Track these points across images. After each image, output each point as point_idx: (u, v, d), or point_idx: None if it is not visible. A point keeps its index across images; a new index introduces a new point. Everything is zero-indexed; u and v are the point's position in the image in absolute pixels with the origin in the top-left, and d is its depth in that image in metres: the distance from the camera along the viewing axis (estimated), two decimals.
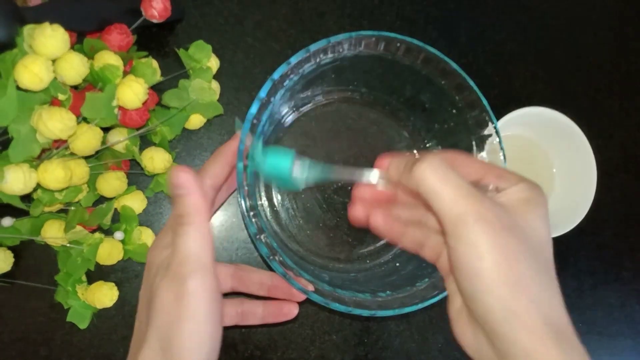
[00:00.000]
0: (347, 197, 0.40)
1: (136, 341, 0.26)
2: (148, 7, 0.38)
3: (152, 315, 0.24)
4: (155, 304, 0.24)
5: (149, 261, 0.27)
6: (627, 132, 0.49)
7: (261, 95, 0.30)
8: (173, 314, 0.24)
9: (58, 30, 0.33)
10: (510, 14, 0.48)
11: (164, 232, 0.27)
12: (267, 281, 0.32)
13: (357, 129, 0.41)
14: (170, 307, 0.24)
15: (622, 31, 0.49)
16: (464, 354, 0.47)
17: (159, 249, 0.26)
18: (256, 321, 0.32)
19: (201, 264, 0.24)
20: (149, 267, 0.26)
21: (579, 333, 0.50)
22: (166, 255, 0.25)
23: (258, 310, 0.32)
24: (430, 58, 0.33)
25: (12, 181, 0.33)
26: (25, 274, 0.41)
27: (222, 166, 0.29)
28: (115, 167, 0.40)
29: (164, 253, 0.26)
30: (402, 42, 0.32)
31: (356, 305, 0.30)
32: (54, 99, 0.35)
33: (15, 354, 0.41)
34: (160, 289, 0.24)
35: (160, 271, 0.25)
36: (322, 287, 0.31)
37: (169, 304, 0.24)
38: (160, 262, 0.25)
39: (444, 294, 0.32)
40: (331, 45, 0.32)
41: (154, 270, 0.26)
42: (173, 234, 0.25)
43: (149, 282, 0.26)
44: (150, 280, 0.26)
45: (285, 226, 0.40)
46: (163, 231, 0.27)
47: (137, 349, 0.25)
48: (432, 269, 0.34)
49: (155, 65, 0.39)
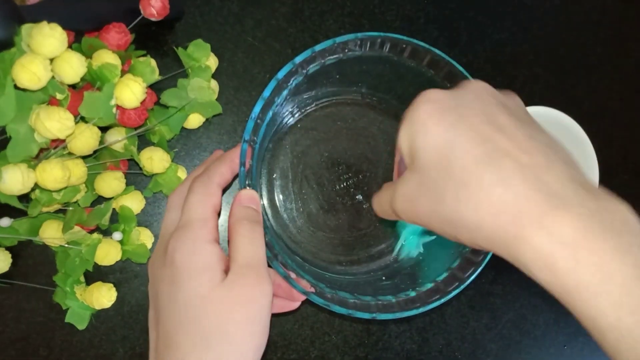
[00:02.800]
0: (349, 198, 0.40)
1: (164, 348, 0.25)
2: (147, 5, 0.38)
3: (199, 317, 0.24)
4: (207, 306, 0.24)
5: (178, 263, 0.25)
6: (627, 132, 0.49)
7: (265, 94, 0.30)
8: (234, 316, 0.24)
9: (56, 29, 0.33)
10: (511, 13, 0.48)
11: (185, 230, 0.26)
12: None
13: (359, 130, 0.40)
14: (240, 309, 0.24)
15: (623, 31, 0.49)
16: (465, 355, 0.47)
17: (186, 249, 0.26)
18: None
19: (267, 268, 0.26)
20: (183, 268, 0.25)
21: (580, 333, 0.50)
22: (214, 256, 0.26)
23: None
24: (437, 60, 0.33)
25: (10, 181, 0.32)
26: (24, 275, 0.40)
27: (227, 166, 0.29)
28: (114, 167, 0.39)
29: (200, 255, 0.25)
30: (408, 44, 0.32)
31: (357, 308, 0.30)
32: (52, 99, 0.35)
33: (15, 354, 0.40)
34: (220, 292, 0.24)
35: (214, 275, 0.25)
36: (323, 289, 0.30)
37: (238, 307, 0.24)
38: (207, 263, 0.25)
39: (446, 298, 0.32)
40: (336, 46, 0.32)
41: (192, 272, 0.25)
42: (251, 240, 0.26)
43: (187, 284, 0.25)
44: (189, 282, 0.25)
45: (286, 228, 0.39)
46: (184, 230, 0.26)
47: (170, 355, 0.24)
48: (434, 272, 0.34)
49: (154, 64, 0.39)
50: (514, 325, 0.46)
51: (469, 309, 0.45)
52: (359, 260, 0.40)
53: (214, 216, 0.27)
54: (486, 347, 0.45)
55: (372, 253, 0.40)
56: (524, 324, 0.46)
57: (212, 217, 0.27)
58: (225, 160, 0.30)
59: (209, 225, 0.27)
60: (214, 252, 0.26)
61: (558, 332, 0.46)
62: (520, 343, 0.46)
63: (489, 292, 0.46)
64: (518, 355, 0.46)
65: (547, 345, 0.46)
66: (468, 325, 0.45)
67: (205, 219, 0.27)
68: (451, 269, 0.33)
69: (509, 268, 0.49)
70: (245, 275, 0.25)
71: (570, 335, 0.46)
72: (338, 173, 0.40)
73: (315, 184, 0.40)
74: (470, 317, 0.45)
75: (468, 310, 0.45)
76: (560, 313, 0.46)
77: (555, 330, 0.46)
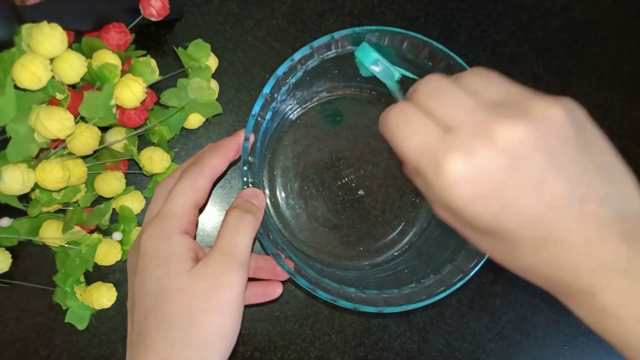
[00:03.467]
0: (351, 194, 0.40)
1: (137, 338, 0.25)
2: (147, 5, 0.37)
3: (165, 306, 0.24)
4: (173, 295, 0.24)
5: (148, 252, 0.25)
6: (628, 132, 0.49)
7: (265, 91, 0.30)
8: (200, 305, 0.23)
9: (56, 29, 0.33)
10: (511, 13, 0.48)
11: (158, 221, 0.26)
12: (250, 263, 0.32)
13: (360, 125, 0.40)
14: (201, 297, 0.24)
15: (623, 31, 0.49)
16: (465, 355, 0.47)
17: (156, 239, 0.26)
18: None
19: (247, 259, 0.25)
20: (151, 257, 0.25)
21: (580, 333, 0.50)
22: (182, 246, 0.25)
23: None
24: (435, 53, 0.33)
25: (10, 181, 0.32)
26: (24, 275, 0.40)
27: (220, 158, 0.29)
28: (114, 167, 0.39)
29: (168, 244, 0.25)
30: (405, 37, 0.32)
31: (362, 302, 0.30)
32: (52, 99, 0.35)
33: (14, 354, 0.40)
34: (185, 280, 0.24)
35: (181, 263, 0.24)
36: (328, 284, 0.30)
37: (201, 294, 0.24)
38: (173, 252, 0.25)
39: (451, 290, 0.32)
40: (335, 41, 0.32)
41: (160, 261, 0.25)
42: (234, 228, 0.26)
43: (153, 273, 0.25)
44: (154, 271, 0.25)
45: (289, 224, 0.39)
46: (157, 220, 0.26)
47: (141, 345, 0.24)
48: (438, 264, 0.34)
49: (154, 64, 0.39)
50: (514, 325, 0.46)
51: (469, 309, 0.45)
52: (362, 254, 0.40)
53: (193, 211, 0.27)
54: (486, 347, 0.45)
55: (376, 247, 0.40)
56: (524, 324, 0.46)
57: (190, 211, 0.27)
58: (217, 150, 0.29)
59: (184, 219, 0.26)
60: (182, 241, 0.26)
61: (558, 332, 0.46)
62: (520, 343, 0.46)
63: (489, 292, 0.46)
64: (518, 355, 0.46)
65: (547, 346, 0.46)
66: (468, 326, 0.45)
67: (182, 212, 0.26)
68: (455, 261, 0.33)
69: None
70: (216, 262, 0.25)
71: (570, 336, 0.46)
72: (339, 169, 0.40)
73: (316, 180, 0.40)
74: (470, 317, 0.45)
75: (468, 311, 0.45)
76: (560, 313, 0.46)
77: (556, 331, 0.46)
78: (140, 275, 0.25)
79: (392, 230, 0.40)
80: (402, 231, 0.40)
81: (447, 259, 0.34)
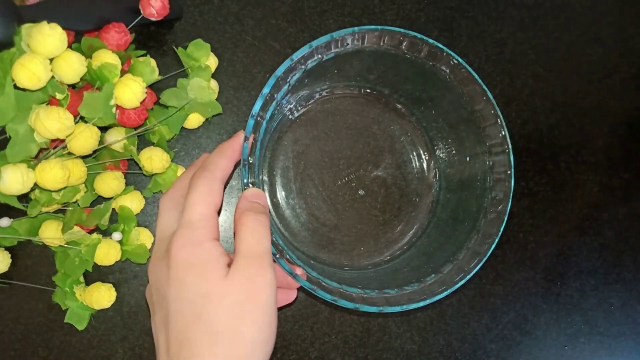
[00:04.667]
0: (351, 194, 0.40)
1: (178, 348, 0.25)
2: (146, 5, 0.37)
3: (208, 312, 0.24)
4: (215, 301, 0.24)
5: (182, 261, 0.25)
6: (628, 132, 0.49)
7: (265, 91, 0.30)
8: (243, 309, 0.24)
9: (56, 29, 0.33)
10: (511, 13, 0.48)
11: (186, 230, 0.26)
12: None
13: (359, 125, 0.40)
14: (244, 301, 0.24)
15: (623, 30, 0.49)
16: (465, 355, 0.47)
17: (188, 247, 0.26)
18: None
19: (270, 257, 0.26)
20: (186, 266, 0.25)
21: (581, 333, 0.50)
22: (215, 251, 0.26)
23: None
24: (434, 52, 0.33)
25: (9, 181, 0.32)
26: (23, 275, 0.40)
27: (228, 160, 0.29)
28: (113, 167, 0.39)
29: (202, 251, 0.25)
30: (405, 36, 0.32)
31: (363, 302, 0.30)
32: (51, 98, 0.35)
33: (14, 354, 0.40)
34: (224, 286, 0.24)
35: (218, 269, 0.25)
36: (329, 283, 0.30)
37: (243, 298, 0.24)
38: (208, 259, 0.25)
39: (452, 289, 0.32)
40: (334, 41, 0.32)
41: (196, 269, 0.25)
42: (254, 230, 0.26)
43: (191, 281, 0.25)
44: (192, 279, 0.25)
45: (289, 224, 0.39)
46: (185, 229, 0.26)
47: (185, 352, 0.24)
48: (439, 264, 0.34)
49: (154, 64, 0.39)
50: (515, 325, 0.46)
51: (470, 310, 0.45)
52: (362, 254, 0.40)
53: (215, 215, 0.27)
54: (486, 347, 0.45)
55: (376, 247, 0.40)
56: (525, 324, 0.46)
57: (213, 215, 0.27)
58: (224, 152, 0.29)
59: (211, 224, 0.27)
60: (215, 248, 0.26)
61: (559, 332, 0.46)
62: (520, 344, 0.46)
63: (489, 292, 0.46)
64: (519, 355, 0.46)
65: (547, 346, 0.46)
66: (468, 326, 0.45)
67: (206, 218, 0.26)
68: (457, 261, 0.33)
69: (510, 269, 0.49)
70: (248, 265, 0.25)
71: (571, 336, 0.46)
72: (339, 168, 0.40)
73: (316, 180, 0.40)
74: (470, 317, 0.45)
75: (468, 311, 0.45)
76: (561, 314, 0.46)
77: (556, 331, 0.46)
78: (175, 285, 0.25)
79: (392, 230, 0.40)
80: (402, 231, 0.40)
81: (448, 258, 0.34)
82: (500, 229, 0.33)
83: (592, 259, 0.47)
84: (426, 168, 0.41)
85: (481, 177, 0.35)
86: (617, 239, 0.48)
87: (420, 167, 0.41)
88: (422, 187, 0.41)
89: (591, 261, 0.47)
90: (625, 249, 0.48)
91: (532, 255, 0.46)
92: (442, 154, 0.40)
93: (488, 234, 0.33)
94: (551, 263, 0.46)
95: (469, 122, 0.35)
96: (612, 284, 0.47)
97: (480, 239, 0.33)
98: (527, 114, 0.47)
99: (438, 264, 0.34)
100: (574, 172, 0.47)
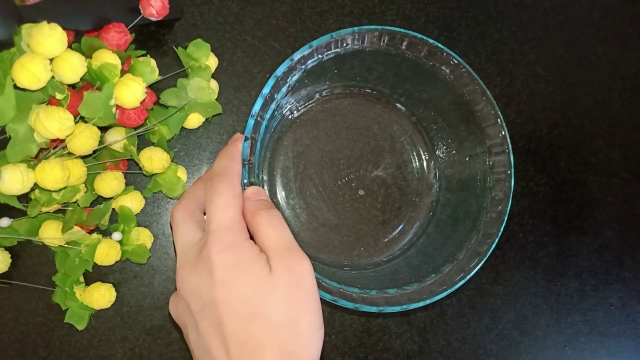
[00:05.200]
0: (351, 194, 0.40)
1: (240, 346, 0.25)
2: (146, 5, 0.37)
3: (266, 307, 0.25)
4: (269, 296, 0.25)
5: (226, 263, 0.25)
6: (628, 132, 0.49)
7: (265, 91, 0.30)
8: (297, 300, 0.25)
9: (56, 29, 0.33)
10: (511, 12, 0.48)
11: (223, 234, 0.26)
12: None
13: (360, 125, 0.40)
14: (294, 292, 0.25)
15: (623, 30, 0.49)
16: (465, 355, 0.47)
17: (229, 249, 0.26)
18: None
19: (298, 247, 0.27)
20: (232, 267, 0.25)
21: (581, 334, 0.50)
22: (255, 249, 0.26)
23: None
24: (434, 51, 0.33)
25: (9, 181, 0.32)
26: (23, 275, 0.40)
27: (239, 164, 0.30)
28: (113, 167, 0.39)
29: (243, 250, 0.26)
30: (405, 36, 0.32)
31: (363, 302, 0.30)
32: (51, 98, 0.35)
33: (14, 355, 0.40)
34: (272, 281, 0.25)
35: (262, 266, 0.25)
36: (329, 284, 0.30)
37: (293, 290, 0.25)
38: (251, 258, 0.26)
39: (452, 289, 0.32)
40: (334, 40, 0.32)
41: (241, 268, 0.25)
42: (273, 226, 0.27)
43: (239, 281, 0.25)
44: (240, 279, 0.25)
45: (290, 224, 0.39)
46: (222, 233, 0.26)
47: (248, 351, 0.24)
48: (439, 264, 0.34)
49: (154, 64, 0.39)
50: (515, 325, 0.46)
51: (470, 310, 0.45)
52: (362, 254, 0.40)
53: (242, 217, 0.28)
54: (487, 347, 0.45)
55: (376, 247, 0.40)
56: (525, 324, 0.46)
57: (242, 217, 0.27)
58: (234, 156, 0.29)
59: (242, 225, 0.27)
60: (253, 247, 0.26)
61: (559, 332, 0.46)
62: (521, 344, 0.46)
63: (489, 292, 0.46)
64: (519, 355, 0.46)
65: (548, 346, 0.46)
66: (468, 326, 0.45)
67: (238, 221, 0.27)
68: (457, 261, 0.33)
69: (510, 269, 0.49)
70: (284, 258, 0.26)
71: (571, 336, 0.46)
72: (339, 168, 0.40)
73: (316, 180, 0.40)
74: (470, 317, 0.45)
75: (468, 311, 0.45)
76: (561, 314, 0.46)
77: (557, 331, 0.46)
78: (223, 287, 0.25)
79: (393, 230, 0.40)
80: (402, 231, 0.40)
81: (448, 258, 0.34)
82: (501, 229, 0.33)
83: (592, 259, 0.47)
84: (426, 168, 0.41)
85: (481, 177, 0.35)
86: (617, 239, 0.48)
87: (420, 167, 0.41)
88: (422, 187, 0.41)
89: (591, 261, 0.47)
90: (625, 249, 0.48)
91: (532, 255, 0.46)
92: (442, 153, 0.40)
93: (488, 234, 0.33)
94: (551, 263, 0.46)
95: (469, 122, 0.35)
96: (612, 284, 0.47)
97: (480, 239, 0.33)
98: (527, 114, 0.47)
99: (438, 264, 0.34)
100: (574, 172, 0.47)
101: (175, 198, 0.42)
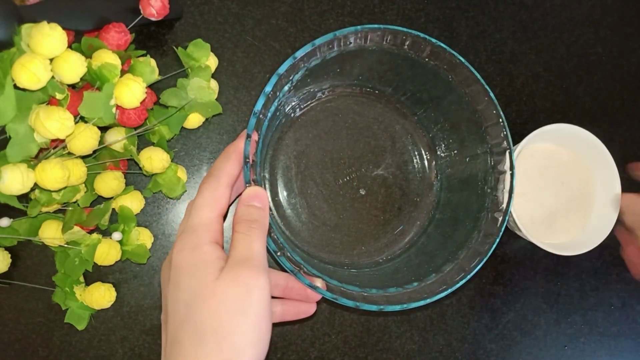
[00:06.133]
0: (353, 192, 0.40)
1: (170, 348, 0.25)
2: (146, 5, 0.37)
3: (197, 313, 0.24)
4: (204, 302, 0.24)
5: (179, 263, 0.26)
6: (628, 132, 0.49)
7: (267, 89, 0.30)
8: (231, 311, 0.24)
9: (56, 29, 0.33)
10: (511, 12, 0.48)
11: (187, 234, 0.27)
12: (281, 282, 0.32)
13: (361, 124, 0.40)
14: (231, 302, 0.24)
15: (623, 30, 0.49)
16: (465, 355, 0.47)
17: (186, 250, 0.26)
18: (275, 319, 0.32)
19: (265, 262, 0.26)
20: (182, 268, 0.26)
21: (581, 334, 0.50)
22: (212, 254, 0.26)
23: (277, 309, 0.32)
24: (437, 51, 0.33)
25: (9, 181, 0.32)
26: (23, 275, 0.40)
27: (233, 164, 0.29)
28: (113, 167, 0.39)
29: (199, 253, 0.26)
30: (408, 36, 0.32)
31: (364, 300, 0.30)
32: (51, 98, 0.35)
33: (14, 354, 0.40)
34: (214, 288, 0.25)
35: (211, 272, 0.25)
36: (329, 282, 0.30)
37: (230, 299, 0.24)
38: (204, 261, 0.26)
39: (452, 289, 0.32)
40: (337, 39, 0.31)
41: (191, 270, 0.26)
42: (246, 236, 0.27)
43: (185, 283, 0.25)
44: (187, 280, 0.25)
45: (290, 223, 0.39)
46: (186, 233, 0.27)
47: (174, 354, 0.24)
48: (439, 263, 0.34)
49: (154, 64, 0.39)
50: (515, 325, 0.46)
51: (470, 310, 0.45)
52: (363, 253, 0.40)
53: (219, 219, 0.28)
54: (486, 347, 0.45)
55: (377, 246, 0.40)
56: (525, 324, 0.46)
57: (216, 220, 0.27)
58: (229, 156, 0.29)
59: (213, 228, 0.27)
60: (213, 251, 0.26)
61: (559, 332, 0.46)
62: (520, 344, 0.46)
63: (489, 292, 0.46)
64: (519, 355, 0.46)
65: (548, 346, 0.46)
66: (468, 326, 0.45)
67: (208, 223, 0.27)
68: (457, 260, 0.33)
69: (510, 269, 0.49)
70: (237, 268, 0.25)
71: (571, 336, 0.46)
72: (340, 168, 0.40)
73: (317, 179, 0.40)
74: (470, 317, 0.45)
75: (468, 311, 0.45)
76: (561, 314, 0.46)
77: (557, 331, 0.46)
78: (172, 286, 0.26)
79: (393, 230, 0.40)
80: (403, 230, 0.40)
81: (448, 258, 0.34)
82: (501, 229, 0.33)
83: (592, 259, 0.47)
84: (427, 168, 0.41)
85: (482, 177, 0.35)
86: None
87: (421, 166, 0.41)
88: (423, 187, 0.41)
89: (591, 261, 0.47)
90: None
91: (532, 255, 0.46)
92: (444, 153, 0.40)
93: (489, 234, 0.33)
94: (551, 263, 0.46)
95: (471, 122, 0.35)
96: (612, 284, 0.47)
97: (480, 238, 0.33)
98: (527, 114, 0.47)
99: (438, 264, 0.34)
100: None
101: (175, 198, 0.42)
